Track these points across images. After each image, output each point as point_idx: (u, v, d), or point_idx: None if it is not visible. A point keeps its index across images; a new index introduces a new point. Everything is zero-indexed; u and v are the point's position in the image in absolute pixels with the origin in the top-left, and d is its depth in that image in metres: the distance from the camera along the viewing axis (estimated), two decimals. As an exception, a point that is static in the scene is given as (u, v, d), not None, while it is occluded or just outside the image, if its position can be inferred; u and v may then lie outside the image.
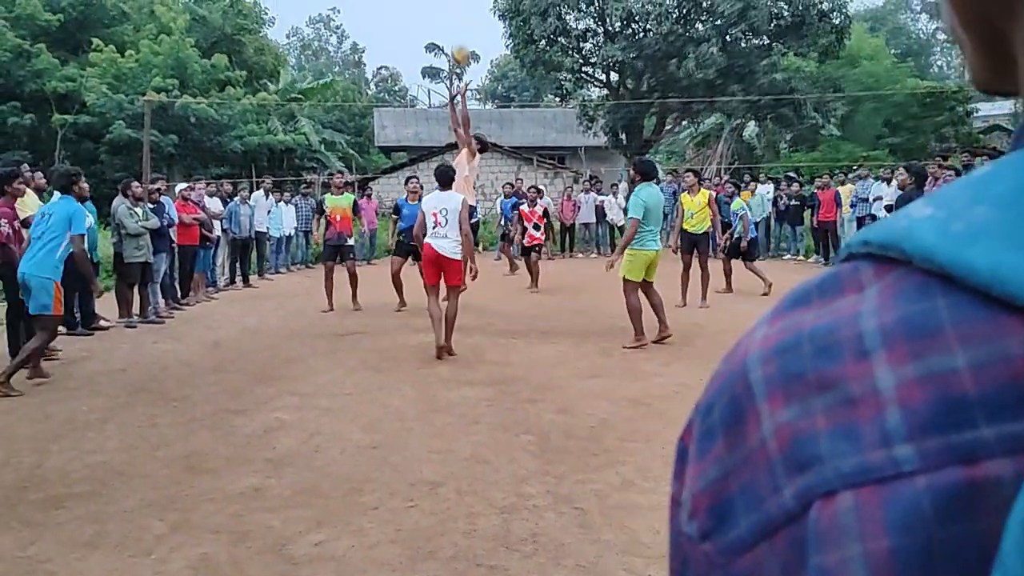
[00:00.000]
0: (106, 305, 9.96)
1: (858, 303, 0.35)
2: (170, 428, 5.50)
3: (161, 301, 10.67)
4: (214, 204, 13.32)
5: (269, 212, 15.29)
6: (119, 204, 9.87)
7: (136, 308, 10.17)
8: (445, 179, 7.77)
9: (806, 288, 0.38)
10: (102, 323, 9.60)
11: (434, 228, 7.59)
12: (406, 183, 10.94)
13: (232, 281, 14.04)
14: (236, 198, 14.23)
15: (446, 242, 7.56)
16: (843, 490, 0.32)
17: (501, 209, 17.07)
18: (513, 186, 17.85)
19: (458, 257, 7.61)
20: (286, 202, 16.18)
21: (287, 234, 16.25)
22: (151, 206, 10.51)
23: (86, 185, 8.92)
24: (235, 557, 3.45)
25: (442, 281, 7.66)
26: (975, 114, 28.29)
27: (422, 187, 10.69)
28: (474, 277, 7.93)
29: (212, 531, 3.73)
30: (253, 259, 14.79)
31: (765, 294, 11.12)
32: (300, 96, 28.65)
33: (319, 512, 3.93)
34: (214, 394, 6.43)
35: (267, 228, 15.18)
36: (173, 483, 4.40)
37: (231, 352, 8.22)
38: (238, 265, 14.18)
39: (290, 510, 3.96)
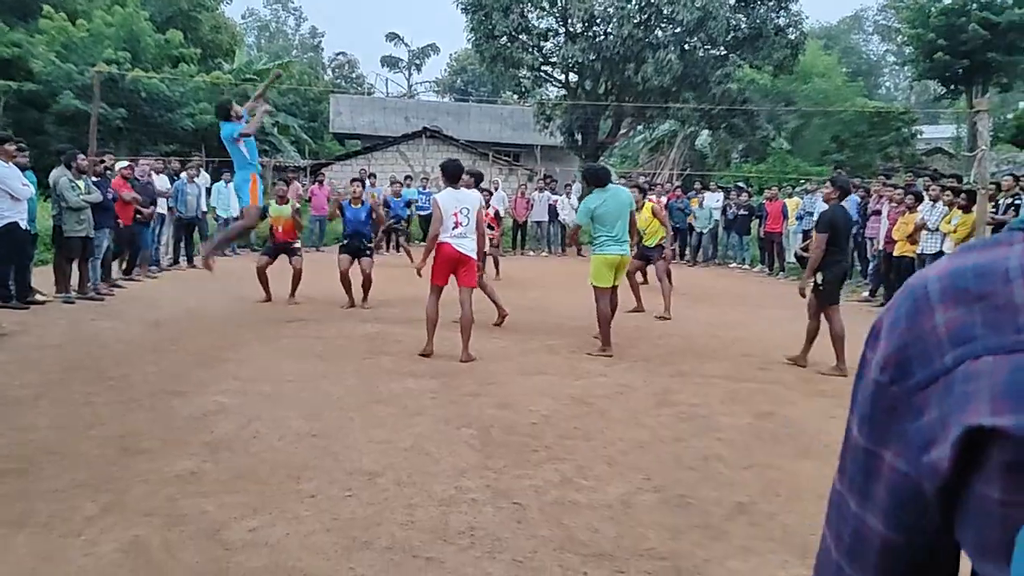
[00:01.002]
0: (44, 279, 9.70)
1: (1007, 252, 0.60)
2: (106, 407, 5.37)
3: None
4: (161, 182, 13.06)
5: (209, 192, 15.06)
6: (60, 176, 9.61)
7: (76, 284, 9.91)
8: (455, 175, 7.33)
9: (974, 243, 0.65)
10: (38, 297, 9.33)
11: (454, 228, 7.16)
12: (351, 183, 10.84)
13: (176, 261, 13.77)
14: (183, 176, 13.96)
15: (467, 241, 7.22)
16: (985, 355, 0.56)
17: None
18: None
19: (476, 256, 7.36)
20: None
21: (234, 216, 15.96)
22: (95, 180, 10.26)
23: (11, 148, 8.66)
24: (167, 541, 3.40)
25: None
26: (919, 136, 29.08)
27: (364, 188, 10.63)
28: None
29: (145, 514, 3.66)
30: (197, 239, 14.51)
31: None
32: (255, 77, 28.16)
33: (255, 498, 3.89)
34: (153, 374, 6.30)
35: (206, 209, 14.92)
36: (107, 464, 4.30)
37: (172, 333, 8.06)
38: (183, 245, 13.91)
39: (226, 495, 3.91)
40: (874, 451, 0.65)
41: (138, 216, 11.57)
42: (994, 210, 10.74)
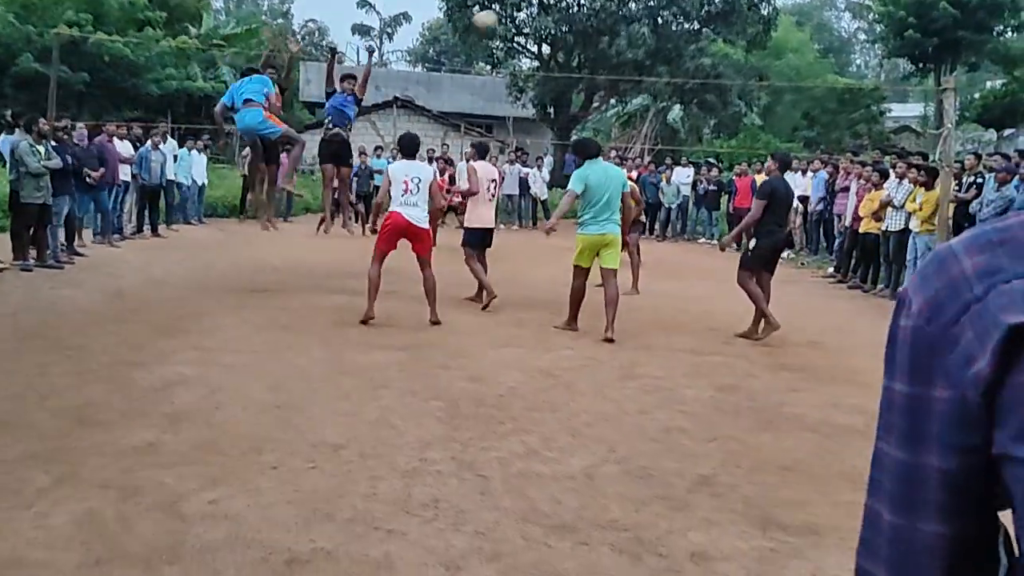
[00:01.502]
0: (1, 247, 9.49)
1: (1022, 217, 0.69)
2: (62, 377, 5.26)
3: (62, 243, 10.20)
4: (124, 148, 12.79)
5: (176, 159, 14.75)
6: (19, 140, 9.37)
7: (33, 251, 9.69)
8: (412, 148, 7.59)
9: (988, 220, 0.94)
10: (-6, 264, 9.12)
11: (404, 195, 7.25)
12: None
13: (140, 229, 13.53)
14: (147, 143, 13.68)
15: (416, 211, 7.28)
16: (1015, 280, 0.65)
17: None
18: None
19: (427, 226, 7.40)
20: (199, 151, 15.62)
21: (201, 183, 15.71)
22: (54, 145, 10.01)
23: None
24: (123, 513, 3.33)
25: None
26: (887, 114, 29.33)
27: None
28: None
29: (100, 486, 3.59)
30: (162, 207, 14.26)
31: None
32: (222, 43, 27.62)
33: (215, 470, 3.83)
34: (113, 344, 6.19)
35: (175, 176, 14.62)
36: (61, 435, 4.21)
37: (134, 302, 7.93)
38: (147, 213, 13.66)
39: (185, 467, 3.85)
40: (920, 394, 0.71)
41: (88, 179, 11.16)
42: (957, 188, 10.84)
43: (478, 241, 8.66)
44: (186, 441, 4.20)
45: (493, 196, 8.21)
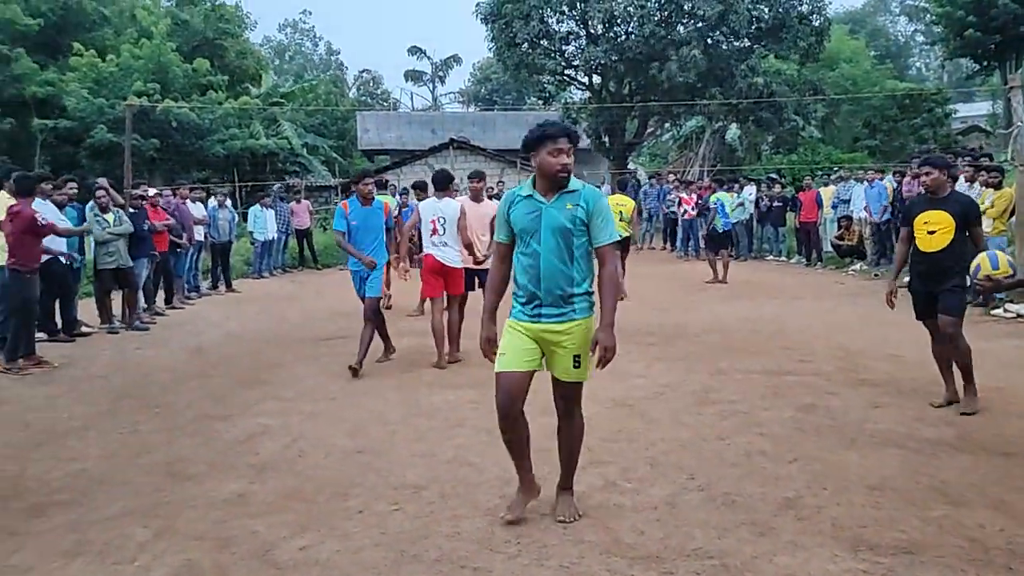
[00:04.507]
0: (92, 312, 9.91)
1: None
2: (152, 434, 5.48)
3: (143, 306, 10.60)
4: (197, 209, 13.28)
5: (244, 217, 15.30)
6: (89, 210, 9.81)
7: (120, 313, 10.08)
8: (444, 183, 7.56)
9: None
10: (84, 329, 9.53)
11: (432, 236, 7.39)
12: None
13: (214, 286, 13.99)
14: (212, 202, 14.19)
15: (446, 251, 7.38)
16: None
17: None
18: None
19: (459, 265, 7.45)
20: (267, 207, 16.12)
21: (270, 238, 16.19)
22: (133, 211, 10.45)
23: (47, 187, 8.85)
24: (219, 563, 3.45)
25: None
26: (953, 115, 28.56)
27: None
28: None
29: (196, 537, 3.72)
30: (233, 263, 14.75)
31: (707, 282, 13.03)
32: (282, 100, 28.55)
33: (303, 517, 3.93)
34: (197, 400, 6.41)
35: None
36: (155, 490, 4.38)
37: (214, 357, 8.19)
38: (219, 270, 14.13)
39: (274, 515, 3.96)
40: None
41: (173, 243, 11.71)
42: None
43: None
44: (273, 490, 4.32)
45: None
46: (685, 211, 17.87)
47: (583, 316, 3.68)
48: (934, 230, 5.52)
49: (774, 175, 19.72)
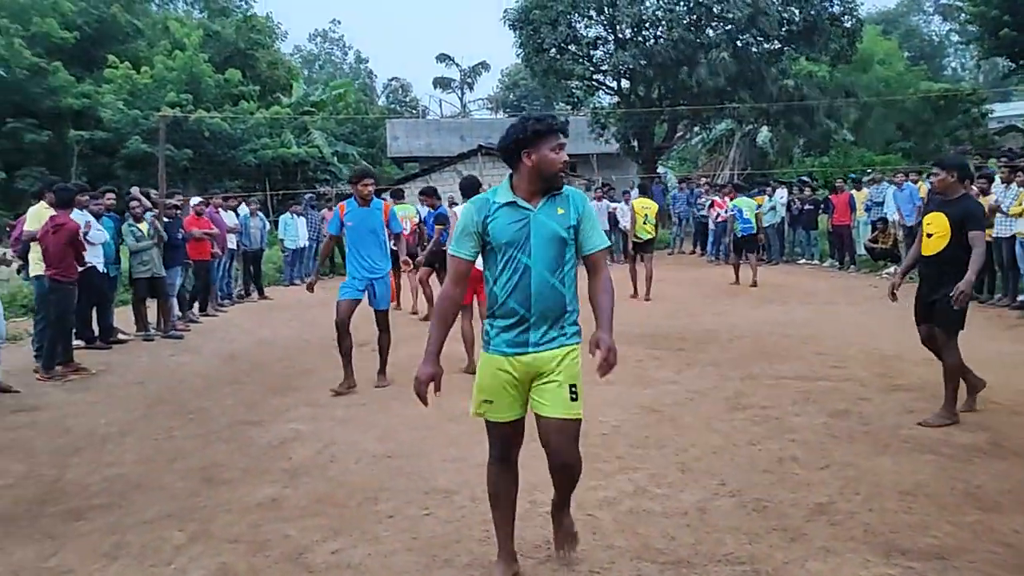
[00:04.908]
0: (129, 319, 10.08)
1: None
2: (187, 440, 5.57)
3: (177, 313, 10.76)
4: (229, 218, 13.45)
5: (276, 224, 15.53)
6: (124, 221, 10.06)
7: (156, 321, 10.25)
8: (472, 190, 7.52)
9: None
10: (120, 337, 9.71)
11: None
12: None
13: (247, 293, 14.15)
14: (244, 210, 14.36)
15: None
16: None
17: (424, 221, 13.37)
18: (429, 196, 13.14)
19: None
20: (298, 214, 16.28)
21: (301, 246, 16.35)
22: (168, 220, 10.62)
23: (83, 198, 8.99)
24: (254, 566, 3.50)
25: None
26: (990, 115, 28.11)
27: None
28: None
29: (230, 541, 3.78)
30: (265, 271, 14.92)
31: (752, 285, 13.04)
32: (312, 109, 28.82)
33: (335, 521, 3.98)
34: (230, 406, 6.50)
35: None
36: (191, 494, 4.46)
37: (246, 364, 8.30)
38: (252, 277, 14.30)
39: (307, 519, 4.01)
40: None
41: (213, 252, 11.90)
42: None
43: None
44: (306, 495, 4.38)
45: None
46: (718, 214, 17.76)
47: (575, 342, 3.21)
48: (932, 233, 5.40)
49: (805, 178, 19.54)
